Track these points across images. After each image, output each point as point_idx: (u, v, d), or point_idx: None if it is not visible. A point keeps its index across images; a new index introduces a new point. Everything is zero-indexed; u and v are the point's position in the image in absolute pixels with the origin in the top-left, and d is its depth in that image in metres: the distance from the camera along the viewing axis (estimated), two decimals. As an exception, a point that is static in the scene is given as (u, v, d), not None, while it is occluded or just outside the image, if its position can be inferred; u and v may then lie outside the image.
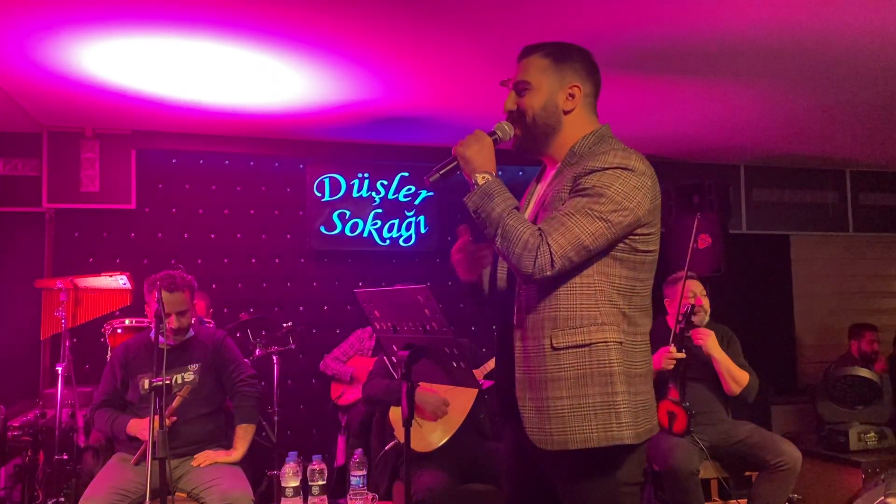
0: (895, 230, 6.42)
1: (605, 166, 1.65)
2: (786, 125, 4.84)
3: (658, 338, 3.69)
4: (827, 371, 4.84)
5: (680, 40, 3.36)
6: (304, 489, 3.21)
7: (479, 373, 3.55)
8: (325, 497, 2.91)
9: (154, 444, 2.47)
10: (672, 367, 3.38)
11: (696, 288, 3.66)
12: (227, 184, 5.07)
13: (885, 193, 6.40)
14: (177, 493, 3.01)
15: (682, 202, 5.18)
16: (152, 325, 3.13)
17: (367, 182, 5.17)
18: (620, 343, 1.65)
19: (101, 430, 3.23)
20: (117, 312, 4.09)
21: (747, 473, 3.60)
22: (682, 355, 3.38)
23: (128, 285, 4.01)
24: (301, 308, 5.09)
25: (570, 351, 1.63)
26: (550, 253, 1.57)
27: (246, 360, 3.51)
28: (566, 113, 1.77)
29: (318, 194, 5.12)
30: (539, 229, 1.60)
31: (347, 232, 5.15)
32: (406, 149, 5.14)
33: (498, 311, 1.84)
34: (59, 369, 3.70)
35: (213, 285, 4.80)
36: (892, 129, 4.93)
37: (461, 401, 3.38)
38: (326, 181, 5.13)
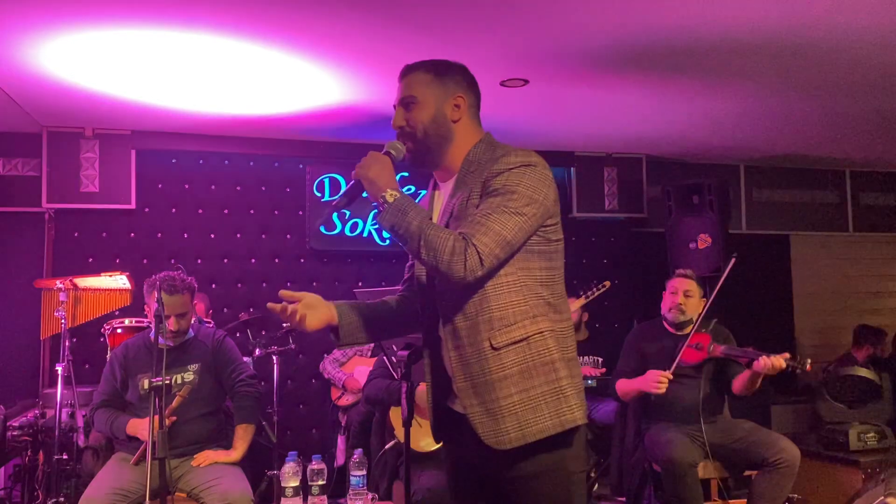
0: (895, 230, 6.42)
1: (511, 166, 1.70)
2: (786, 125, 4.85)
3: (653, 338, 3.72)
4: (827, 371, 4.85)
5: (680, 41, 3.36)
6: (304, 489, 3.21)
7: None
8: (324, 497, 2.91)
9: (154, 444, 2.47)
10: (663, 391, 3.36)
11: (681, 286, 3.65)
12: (226, 184, 5.07)
13: (885, 193, 6.40)
14: (176, 493, 3.01)
15: (682, 202, 5.19)
16: (152, 326, 3.13)
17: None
18: (553, 331, 1.71)
19: (101, 430, 3.23)
20: (117, 312, 4.09)
21: (746, 473, 3.60)
22: (670, 377, 3.37)
23: (128, 285, 4.01)
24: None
25: (510, 348, 1.67)
26: (478, 253, 1.60)
27: (246, 359, 3.51)
28: (454, 122, 1.81)
29: (318, 194, 5.12)
30: (461, 233, 1.63)
31: (347, 232, 5.15)
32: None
33: (424, 321, 1.85)
34: (59, 369, 3.70)
35: (213, 285, 4.80)
36: (892, 129, 4.93)
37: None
38: (326, 181, 5.13)
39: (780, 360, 3.26)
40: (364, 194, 1.74)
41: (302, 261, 5.15)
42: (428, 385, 1.86)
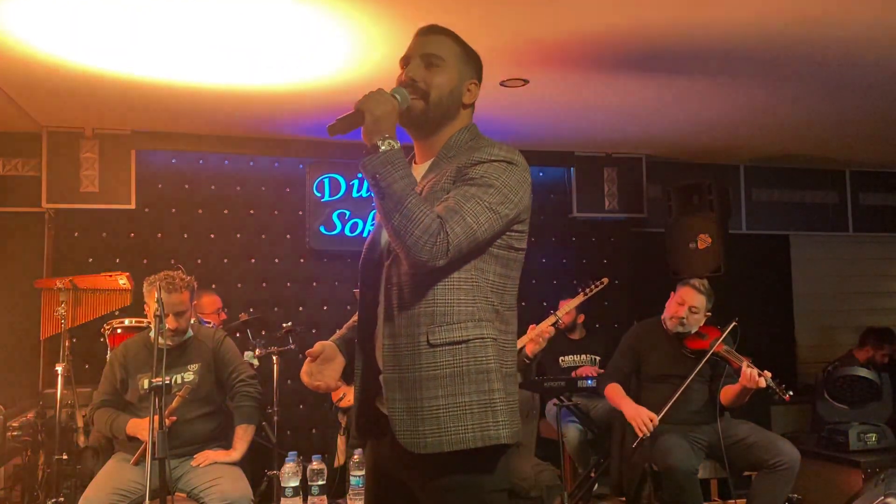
0: (895, 230, 6.42)
1: (492, 158, 1.63)
2: (786, 125, 4.85)
3: (652, 342, 3.72)
4: (827, 371, 4.85)
5: (680, 41, 3.36)
6: (304, 489, 3.22)
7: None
8: (324, 497, 2.92)
9: (154, 444, 2.47)
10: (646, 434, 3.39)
11: (689, 300, 3.63)
12: (226, 184, 5.06)
13: (885, 193, 6.40)
14: (176, 493, 3.01)
15: (682, 202, 5.19)
16: (152, 325, 3.13)
17: (367, 182, 5.16)
18: (496, 340, 1.60)
19: (101, 430, 3.23)
20: (117, 312, 4.09)
21: (746, 473, 3.60)
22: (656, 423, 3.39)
23: (128, 285, 4.01)
24: (301, 308, 5.09)
25: (446, 348, 1.56)
26: (448, 241, 1.50)
27: (247, 353, 3.50)
28: (464, 107, 1.74)
29: (318, 194, 5.12)
30: (438, 216, 1.52)
31: (347, 232, 5.15)
32: (405, 149, 5.13)
33: (362, 314, 1.75)
34: (59, 369, 3.70)
35: (213, 285, 4.80)
36: (892, 129, 4.93)
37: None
38: (326, 181, 5.13)
39: (761, 380, 3.29)
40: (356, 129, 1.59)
41: (302, 261, 5.15)
42: (357, 379, 1.74)
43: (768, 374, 3.32)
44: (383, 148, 1.54)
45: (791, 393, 3.30)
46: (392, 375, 1.61)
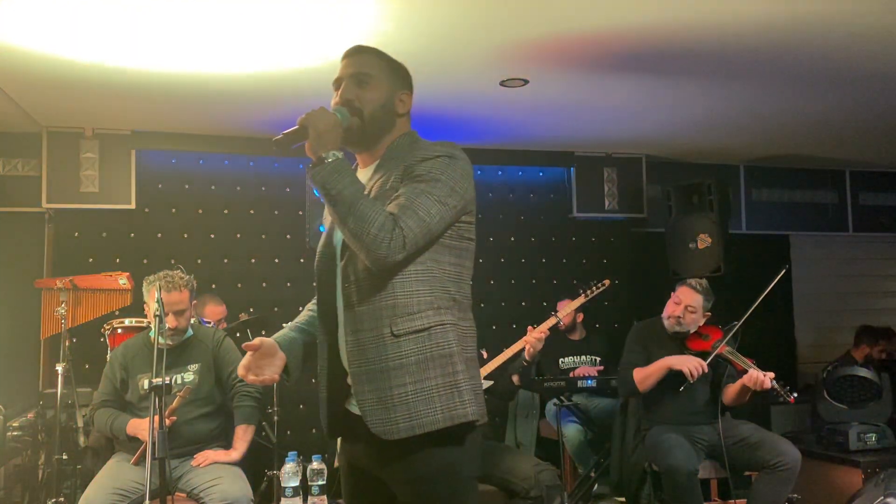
0: (895, 230, 6.42)
1: (435, 154, 1.70)
2: (786, 125, 4.85)
3: (656, 341, 3.72)
4: (827, 371, 4.85)
5: (680, 41, 3.36)
6: (304, 489, 3.22)
7: (478, 373, 3.55)
8: (324, 497, 2.92)
9: (154, 444, 2.47)
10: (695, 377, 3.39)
11: (686, 299, 3.63)
12: (226, 184, 5.06)
13: (885, 193, 6.40)
14: (177, 493, 3.01)
15: (682, 202, 5.19)
16: (152, 325, 3.13)
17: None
18: (455, 325, 1.69)
19: (101, 431, 3.23)
20: (117, 312, 4.09)
21: (747, 473, 3.60)
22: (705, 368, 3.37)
23: (128, 285, 4.01)
24: (301, 308, 5.05)
25: (410, 337, 1.64)
26: (403, 235, 1.58)
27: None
28: (398, 116, 1.81)
29: (319, 194, 5.10)
30: (391, 213, 1.60)
31: (347, 232, 5.14)
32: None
33: (321, 315, 1.81)
34: (59, 369, 3.70)
35: (213, 285, 4.80)
36: (892, 129, 4.93)
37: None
38: (326, 181, 5.12)
39: (766, 380, 3.28)
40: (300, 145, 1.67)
41: (302, 261, 5.14)
42: (322, 380, 1.80)
43: (772, 374, 3.32)
44: (329, 159, 1.62)
45: (795, 395, 3.30)
46: (359, 370, 1.67)
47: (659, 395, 3.57)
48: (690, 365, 3.39)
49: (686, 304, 3.62)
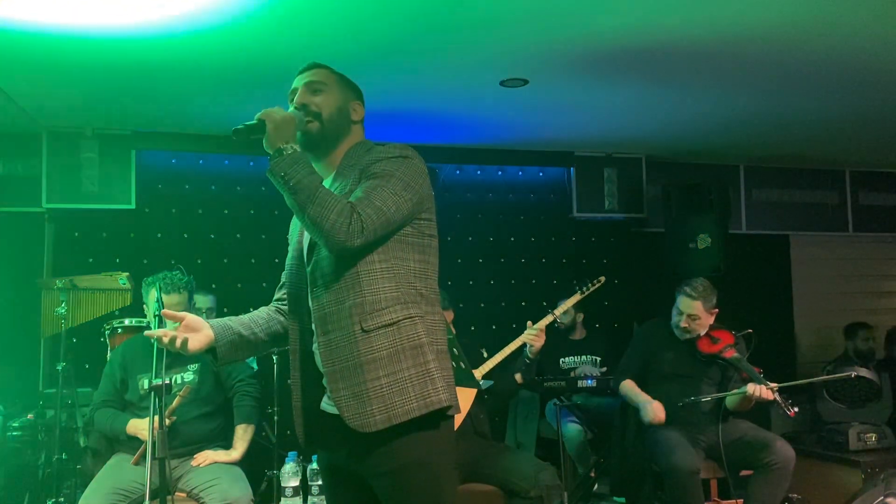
0: (895, 230, 6.42)
1: (389, 156, 1.79)
2: (786, 125, 4.84)
3: (664, 345, 3.71)
4: (826, 371, 4.85)
5: (680, 42, 3.36)
6: (304, 489, 3.22)
7: (478, 373, 3.56)
8: (324, 497, 2.91)
9: (154, 444, 2.47)
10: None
11: (687, 309, 3.62)
12: (226, 184, 5.06)
13: (885, 193, 6.40)
14: (176, 493, 3.01)
15: (682, 202, 5.19)
16: (152, 326, 3.13)
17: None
18: (423, 318, 1.75)
19: (102, 430, 3.23)
20: (117, 312, 4.09)
21: (744, 473, 3.60)
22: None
23: (128, 285, 4.01)
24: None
25: (380, 332, 1.70)
26: (362, 221, 1.65)
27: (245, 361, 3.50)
28: (353, 123, 1.91)
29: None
30: (349, 202, 1.67)
31: (347, 232, 5.14)
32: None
33: (294, 324, 1.89)
34: (59, 369, 3.70)
35: (213, 285, 4.80)
36: (891, 129, 4.93)
37: (460, 401, 3.38)
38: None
39: (769, 392, 3.28)
40: (258, 138, 1.74)
41: (302, 261, 5.14)
42: (296, 386, 1.87)
43: (775, 385, 3.30)
44: (288, 151, 1.70)
45: (796, 409, 3.28)
46: (332, 368, 1.72)
47: (664, 393, 3.57)
48: (650, 415, 3.50)
49: (687, 314, 3.60)
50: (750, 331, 3.61)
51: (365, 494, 1.78)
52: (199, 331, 1.83)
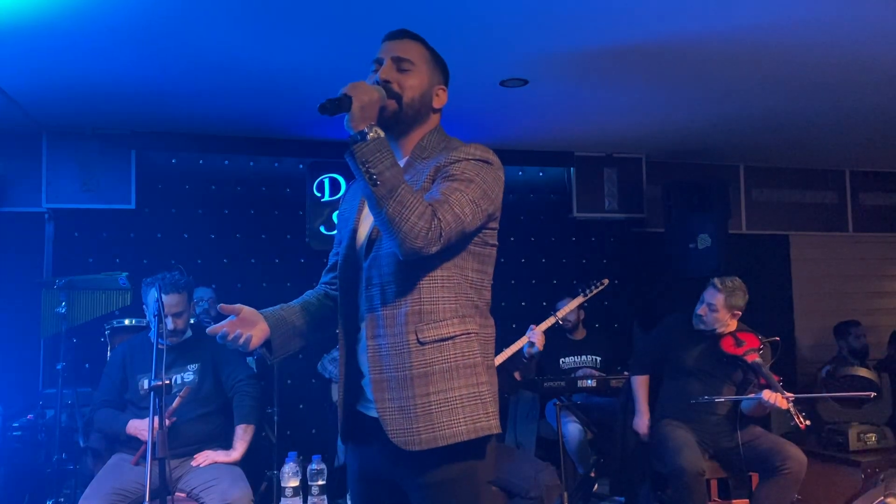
0: (895, 230, 6.42)
1: (470, 157, 1.64)
2: (785, 125, 4.84)
3: (684, 343, 3.70)
4: (826, 371, 4.85)
5: (680, 42, 3.36)
6: (304, 489, 3.22)
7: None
8: (324, 497, 2.92)
9: (154, 444, 2.47)
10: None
11: (709, 298, 3.63)
12: (226, 184, 5.07)
13: (885, 193, 6.40)
14: (176, 494, 3.01)
15: (682, 202, 5.19)
16: (151, 325, 3.13)
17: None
18: (479, 334, 1.65)
19: (102, 430, 3.23)
20: (117, 312, 4.09)
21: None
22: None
23: (128, 285, 4.01)
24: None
25: (436, 345, 1.59)
26: (440, 228, 1.51)
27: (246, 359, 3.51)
28: (433, 111, 1.77)
29: (318, 194, 5.12)
30: (429, 203, 1.53)
31: (347, 232, 5.14)
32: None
33: (342, 318, 1.75)
34: (59, 369, 3.70)
35: (213, 285, 4.80)
36: (892, 129, 4.93)
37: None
38: (326, 181, 5.14)
39: (784, 402, 3.25)
40: (340, 116, 1.56)
41: (302, 261, 5.15)
42: (340, 381, 1.75)
43: (791, 396, 3.29)
44: (371, 135, 1.52)
45: (808, 422, 3.23)
46: (379, 376, 1.63)
47: (682, 389, 3.55)
48: (636, 424, 3.64)
49: (707, 302, 3.60)
50: (777, 338, 3.59)
51: (395, 499, 1.69)
52: (255, 324, 1.69)
